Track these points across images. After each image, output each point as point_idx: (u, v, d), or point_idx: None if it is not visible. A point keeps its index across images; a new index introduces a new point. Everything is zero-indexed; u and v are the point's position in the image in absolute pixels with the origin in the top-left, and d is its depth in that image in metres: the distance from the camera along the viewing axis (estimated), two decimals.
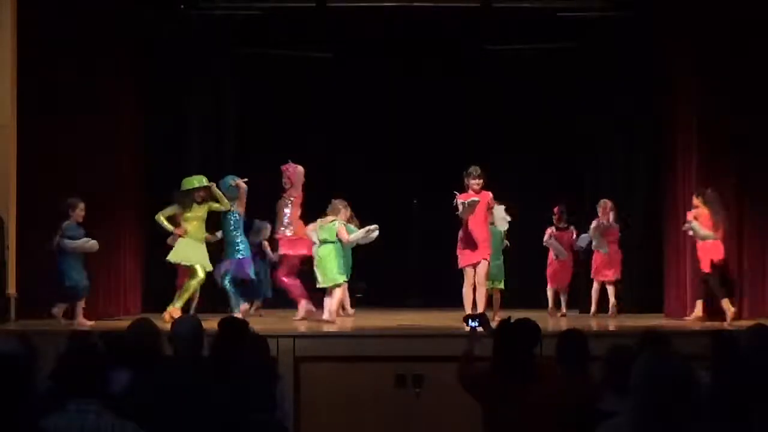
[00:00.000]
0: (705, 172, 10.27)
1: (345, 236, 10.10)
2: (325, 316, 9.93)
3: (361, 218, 10.82)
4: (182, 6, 11.32)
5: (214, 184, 10.11)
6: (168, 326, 5.53)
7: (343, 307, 10.66)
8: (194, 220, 10.00)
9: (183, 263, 10.00)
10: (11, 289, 9.63)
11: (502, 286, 10.77)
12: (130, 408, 4.17)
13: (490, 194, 9.98)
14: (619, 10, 11.31)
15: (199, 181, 10.02)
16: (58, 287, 9.45)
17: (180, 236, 9.93)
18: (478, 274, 9.81)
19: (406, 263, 10.96)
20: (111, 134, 10.50)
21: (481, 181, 9.86)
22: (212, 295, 10.53)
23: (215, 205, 10.10)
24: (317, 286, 10.13)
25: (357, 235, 10.19)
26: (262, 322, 9.86)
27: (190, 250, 9.93)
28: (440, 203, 10.94)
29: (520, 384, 5.02)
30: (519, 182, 12.45)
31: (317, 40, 12.41)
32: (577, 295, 11.64)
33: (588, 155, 12.27)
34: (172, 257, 9.96)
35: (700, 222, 9.90)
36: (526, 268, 11.80)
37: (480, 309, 9.28)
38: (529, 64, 12.42)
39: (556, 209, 11.47)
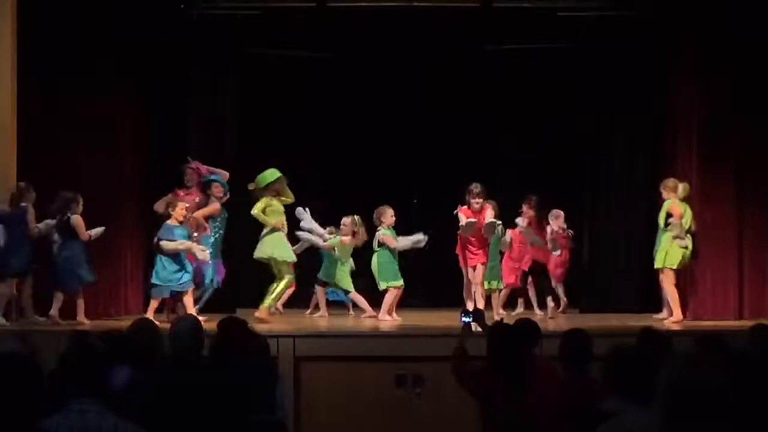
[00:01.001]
0: (705, 172, 10.28)
1: (391, 242, 10.29)
2: (380, 315, 10.25)
3: (363, 218, 10.81)
4: (182, 6, 11.32)
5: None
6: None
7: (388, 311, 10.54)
8: (279, 213, 9.99)
9: (289, 260, 9.93)
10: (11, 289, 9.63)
11: (501, 286, 10.77)
12: (131, 407, 4.17)
13: (490, 208, 9.96)
14: (619, 9, 11.30)
15: (272, 174, 10.01)
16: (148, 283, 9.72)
17: (279, 229, 9.89)
18: (475, 277, 9.84)
19: (406, 263, 10.97)
20: (111, 134, 10.50)
21: (481, 199, 9.87)
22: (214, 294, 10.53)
23: (283, 199, 10.13)
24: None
25: (404, 243, 10.33)
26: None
27: (289, 247, 9.98)
28: (440, 202, 10.97)
29: (516, 384, 5.03)
30: (519, 182, 12.45)
31: (317, 40, 12.40)
32: (576, 294, 11.64)
33: (588, 155, 12.27)
34: (277, 254, 9.87)
35: (532, 226, 10.84)
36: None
37: None
38: (529, 63, 12.41)
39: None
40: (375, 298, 10.68)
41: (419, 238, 10.45)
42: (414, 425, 8.13)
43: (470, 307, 9.40)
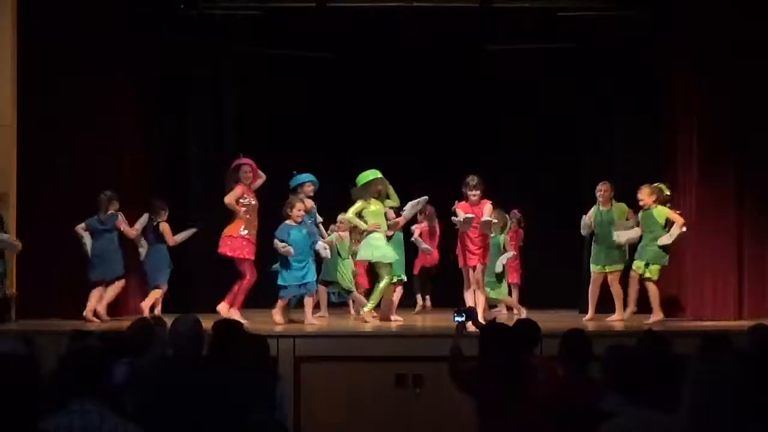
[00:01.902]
0: (705, 172, 10.28)
1: (401, 221, 10.36)
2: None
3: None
4: (182, 6, 11.32)
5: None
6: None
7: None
8: (377, 215, 9.99)
9: (383, 261, 9.94)
10: (11, 289, 9.64)
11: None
12: (131, 407, 4.17)
13: (489, 203, 9.90)
14: (619, 9, 11.30)
15: (373, 174, 10.01)
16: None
17: (373, 231, 9.91)
18: (475, 277, 9.82)
19: (406, 263, 11.01)
20: (111, 134, 10.50)
21: (479, 192, 9.78)
22: (215, 293, 10.51)
23: (388, 201, 10.12)
24: None
25: (409, 212, 10.35)
26: (263, 322, 9.86)
27: (387, 247, 10.01)
28: (440, 203, 10.96)
29: (513, 384, 5.02)
30: (519, 182, 12.45)
31: (317, 40, 12.40)
32: (576, 295, 11.64)
33: (588, 155, 12.26)
34: (375, 256, 9.92)
35: (423, 236, 11.28)
36: (527, 268, 11.80)
37: (480, 310, 9.26)
38: (529, 63, 12.41)
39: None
40: None
41: (417, 200, 10.36)
42: (414, 425, 8.13)
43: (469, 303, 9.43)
